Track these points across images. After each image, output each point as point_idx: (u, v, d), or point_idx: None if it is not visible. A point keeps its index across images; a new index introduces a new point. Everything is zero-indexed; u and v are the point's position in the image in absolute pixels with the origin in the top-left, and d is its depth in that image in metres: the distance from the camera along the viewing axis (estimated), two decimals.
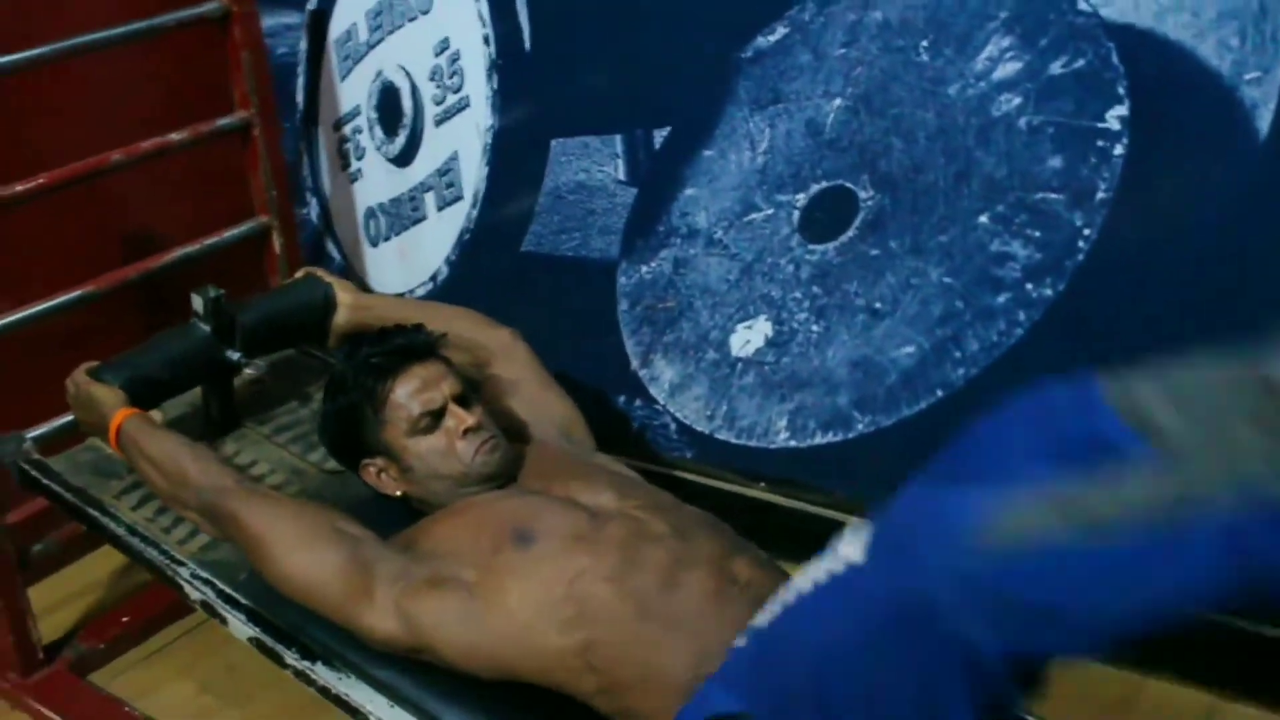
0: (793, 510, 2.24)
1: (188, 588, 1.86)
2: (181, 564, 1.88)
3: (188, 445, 1.81)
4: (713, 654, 1.51)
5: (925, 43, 1.86)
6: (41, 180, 2.04)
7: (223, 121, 2.25)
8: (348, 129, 2.54)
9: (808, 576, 1.34)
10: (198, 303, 2.02)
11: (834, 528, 2.16)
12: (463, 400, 1.81)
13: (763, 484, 2.26)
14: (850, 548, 1.27)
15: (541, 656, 1.57)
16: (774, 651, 1.35)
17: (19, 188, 2.01)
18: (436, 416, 1.78)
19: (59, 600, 2.33)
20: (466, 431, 1.77)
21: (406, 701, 1.67)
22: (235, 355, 2.04)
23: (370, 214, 2.58)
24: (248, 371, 2.06)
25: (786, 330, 2.12)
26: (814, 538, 2.22)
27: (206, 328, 2.02)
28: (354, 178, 2.57)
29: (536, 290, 2.39)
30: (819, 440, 2.15)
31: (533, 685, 1.60)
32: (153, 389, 1.99)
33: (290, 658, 1.75)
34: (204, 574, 1.85)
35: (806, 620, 1.32)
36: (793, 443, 2.18)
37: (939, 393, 2.02)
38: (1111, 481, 1.06)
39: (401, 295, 2.59)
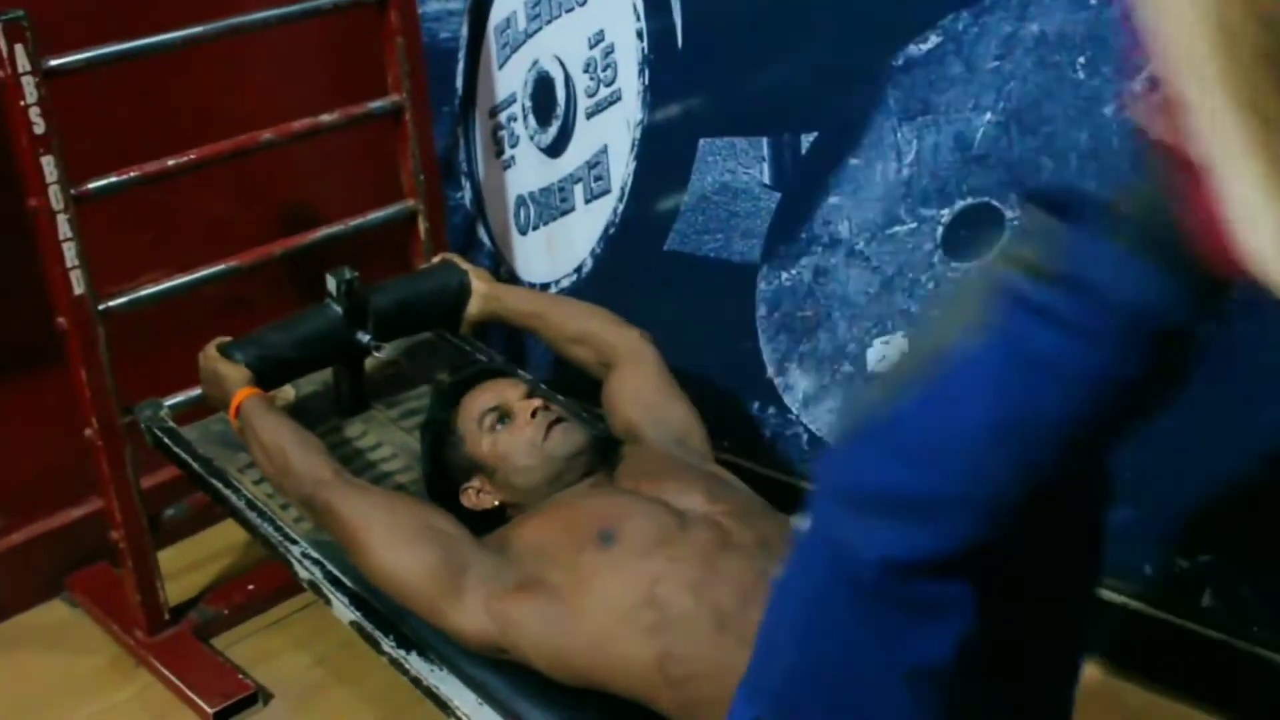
0: None
1: (298, 566, 1.88)
2: (295, 542, 1.90)
3: (295, 433, 1.83)
4: None
5: (1083, 59, 1.76)
6: (192, 156, 2.07)
7: (374, 105, 2.27)
8: (503, 116, 2.53)
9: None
10: (332, 284, 2.04)
11: None
12: (531, 396, 1.80)
13: None
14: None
15: (621, 666, 1.54)
16: (763, 642, 1.30)
17: (170, 162, 2.05)
18: (504, 413, 1.77)
19: (190, 564, 2.38)
20: (534, 413, 1.76)
21: (495, 700, 1.66)
22: (366, 338, 2.06)
23: (521, 202, 2.57)
24: (377, 354, 2.07)
25: None
26: None
27: (339, 309, 2.04)
28: (507, 165, 2.57)
29: (677, 289, 2.36)
30: None
31: (618, 696, 1.58)
32: (281, 367, 2.01)
33: (386, 645, 1.75)
34: (314, 554, 1.87)
35: (774, 603, 1.27)
36: None
37: None
38: (913, 340, 1.07)
39: (546, 286, 2.58)
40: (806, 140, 2.08)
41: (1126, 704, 1.97)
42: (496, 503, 1.79)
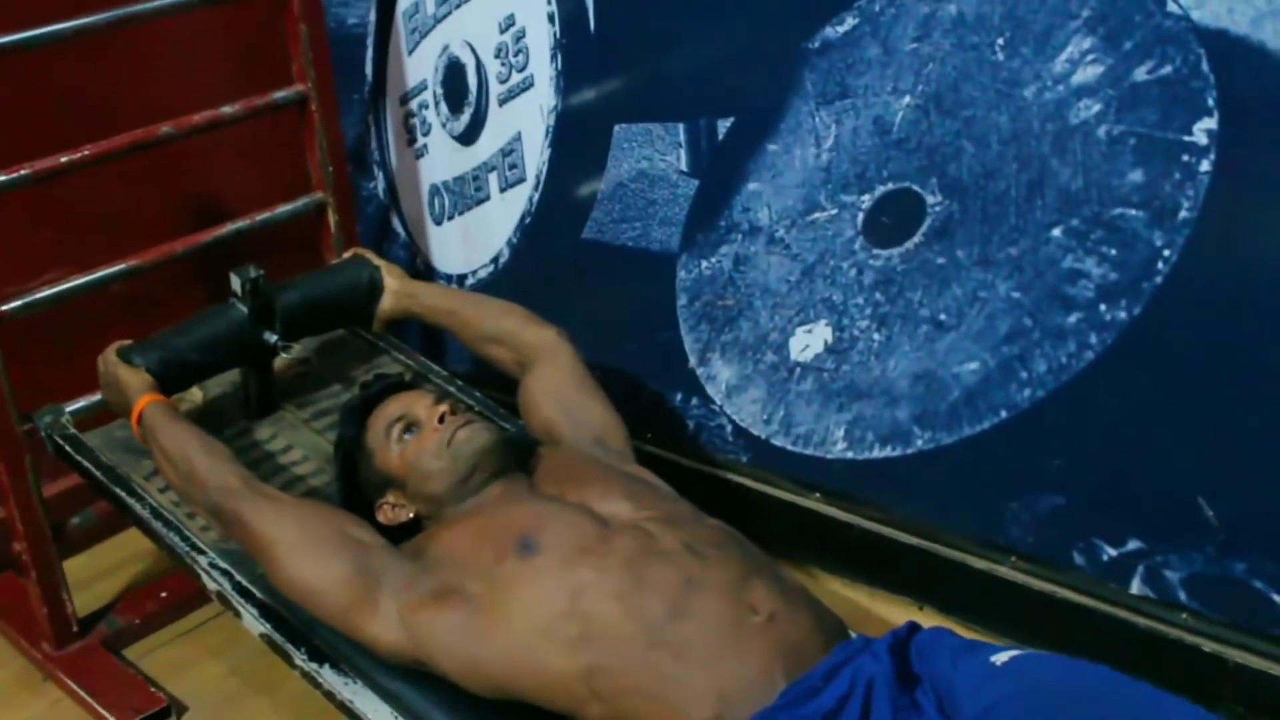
0: (848, 524, 2.14)
1: (205, 577, 1.82)
2: (202, 552, 1.83)
3: (200, 441, 1.76)
4: (734, 696, 1.42)
5: (1001, 40, 1.73)
6: (87, 151, 1.99)
7: (278, 95, 2.19)
8: (414, 104, 2.47)
9: None
10: (236, 282, 1.97)
11: (890, 545, 2.10)
12: (438, 404, 1.74)
13: (818, 495, 2.16)
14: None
15: (544, 679, 1.50)
16: None
17: (64, 159, 1.97)
18: (411, 422, 1.72)
19: (100, 571, 2.31)
20: (441, 418, 1.70)
21: (411, 714, 1.62)
22: (273, 338, 1.99)
23: (435, 191, 2.51)
24: (285, 354, 2.01)
25: (847, 337, 2.01)
26: (869, 554, 2.15)
27: (244, 308, 1.97)
28: (419, 154, 2.50)
29: (596, 279, 2.31)
30: (877, 454, 2.05)
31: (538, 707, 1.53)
32: (184, 370, 1.94)
33: (299, 658, 1.70)
34: (222, 564, 1.81)
35: None
36: (850, 454, 2.08)
37: (1003, 413, 1.90)
38: None
39: (463, 277, 2.53)
40: (723, 126, 2.04)
41: None
42: (411, 515, 1.73)
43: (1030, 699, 1.31)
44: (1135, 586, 1.87)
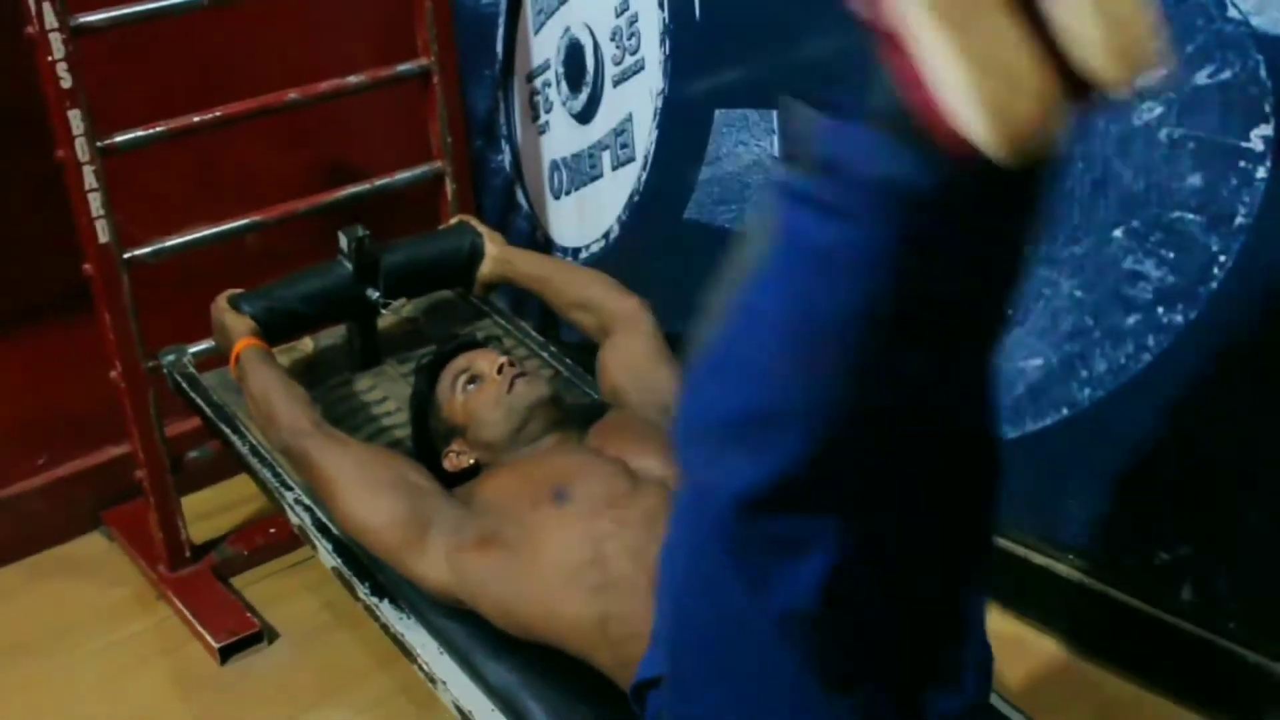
0: None
1: (290, 512, 1.95)
2: (290, 489, 1.97)
3: (282, 384, 1.90)
4: None
5: None
6: (218, 113, 2.15)
7: (402, 67, 2.32)
8: (539, 82, 2.57)
9: None
10: (343, 241, 2.10)
11: None
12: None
13: None
14: None
15: (565, 624, 1.57)
16: (659, 601, 1.33)
17: (195, 119, 2.13)
18: (474, 375, 1.83)
19: (219, 506, 2.48)
20: (500, 369, 1.81)
21: (454, 649, 1.71)
22: (375, 295, 2.12)
23: (555, 167, 2.62)
24: (385, 311, 2.14)
25: None
26: None
27: (349, 266, 2.11)
28: (542, 130, 2.61)
29: (696, 258, 2.38)
30: None
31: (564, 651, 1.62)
32: (288, 321, 2.09)
33: (361, 591, 1.82)
34: (305, 501, 1.94)
35: (666, 559, 1.29)
36: None
37: (1064, 410, 1.92)
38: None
39: (577, 250, 2.63)
40: None
41: (1104, 692, 1.96)
42: (472, 461, 1.84)
43: None
44: (1185, 593, 1.87)
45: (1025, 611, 2.06)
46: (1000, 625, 1.77)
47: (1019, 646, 2.04)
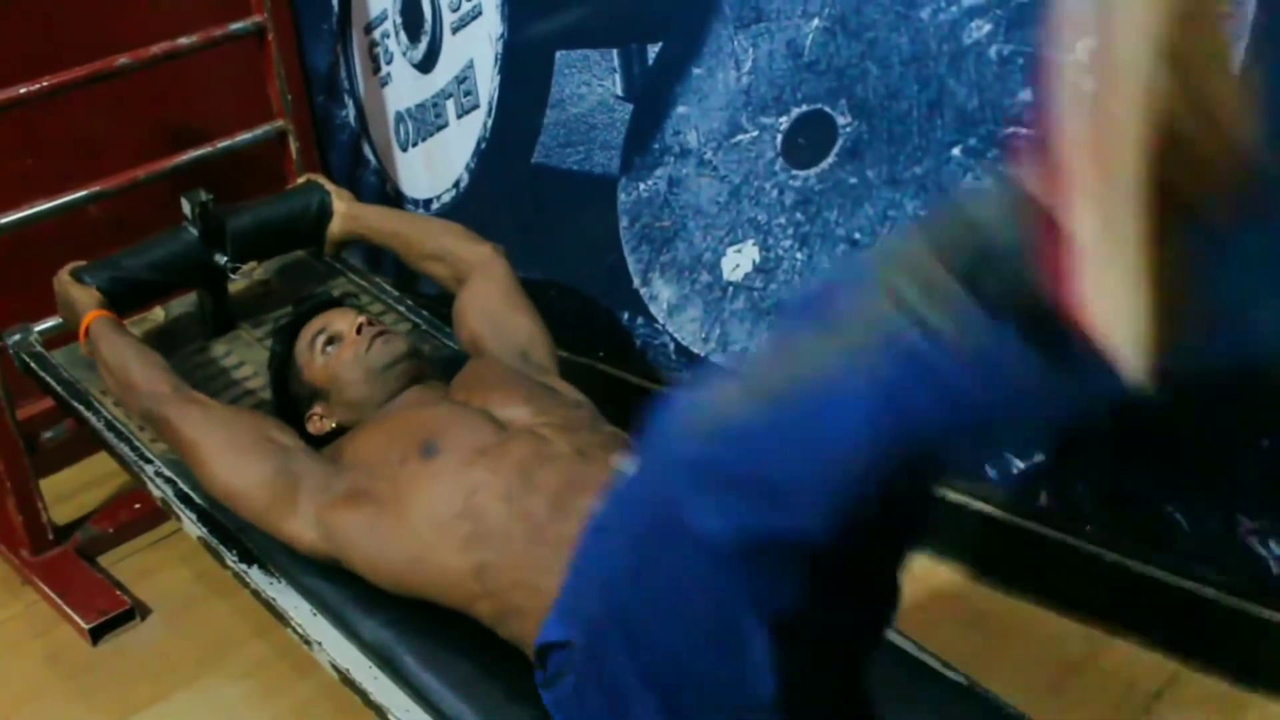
0: None
1: (151, 485, 1.93)
2: (149, 461, 1.94)
3: (137, 351, 1.87)
4: None
5: None
6: (45, 83, 2.09)
7: (234, 26, 2.27)
8: (377, 33, 2.54)
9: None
10: (186, 206, 2.06)
11: None
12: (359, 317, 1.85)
13: None
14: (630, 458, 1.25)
15: (439, 576, 1.57)
16: (579, 574, 1.34)
17: (22, 89, 2.07)
18: (333, 336, 1.81)
19: (82, 485, 2.43)
20: (359, 329, 1.80)
21: (329, 611, 1.71)
22: (223, 259, 2.09)
23: (400, 118, 2.59)
24: (234, 276, 2.10)
25: (773, 256, 2.07)
26: None
27: (195, 231, 2.07)
28: (384, 82, 2.58)
29: (546, 202, 2.38)
30: None
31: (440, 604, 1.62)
32: (135, 290, 2.05)
33: (230, 559, 1.80)
34: (167, 473, 1.91)
35: (596, 538, 1.30)
36: None
37: None
38: (788, 349, 1.06)
39: (429, 202, 2.61)
40: (653, 51, 2.09)
41: (975, 606, 2.02)
42: (334, 424, 1.83)
43: None
44: (1043, 499, 1.93)
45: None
46: None
47: None
